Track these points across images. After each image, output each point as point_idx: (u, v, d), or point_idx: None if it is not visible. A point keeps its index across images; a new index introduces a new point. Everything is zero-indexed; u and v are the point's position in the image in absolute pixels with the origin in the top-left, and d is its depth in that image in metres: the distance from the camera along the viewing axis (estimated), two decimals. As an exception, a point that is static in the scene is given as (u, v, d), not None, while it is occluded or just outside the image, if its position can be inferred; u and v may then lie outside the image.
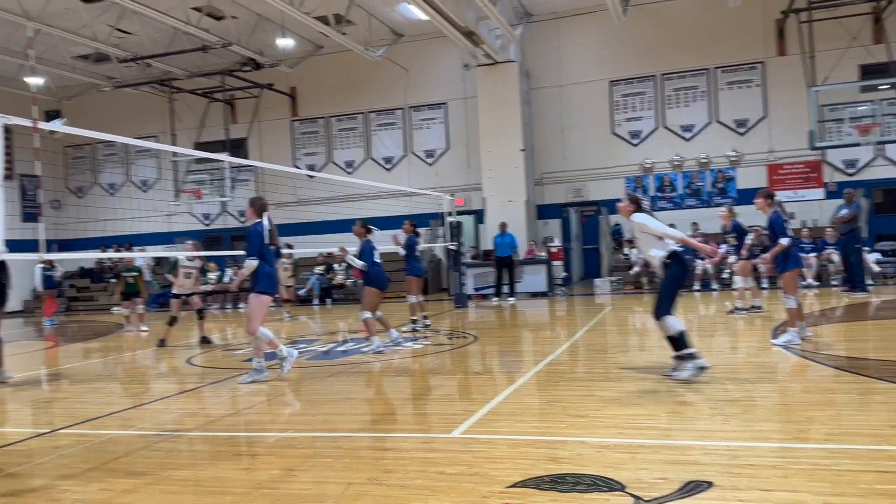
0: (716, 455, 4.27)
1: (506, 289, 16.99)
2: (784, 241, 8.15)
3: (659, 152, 20.30)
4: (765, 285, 15.74)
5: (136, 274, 14.25)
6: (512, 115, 19.91)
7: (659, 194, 20.29)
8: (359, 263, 9.34)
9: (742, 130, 19.71)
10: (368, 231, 9.68)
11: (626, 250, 19.53)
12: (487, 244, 19.19)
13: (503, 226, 17.49)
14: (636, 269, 18.16)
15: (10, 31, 18.55)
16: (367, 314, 9.30)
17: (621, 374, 7.01)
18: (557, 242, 19.85)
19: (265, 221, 7.58)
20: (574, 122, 20.91)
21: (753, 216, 18.28)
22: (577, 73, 20.82)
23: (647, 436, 4.79)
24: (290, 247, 17.24)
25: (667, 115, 20.31)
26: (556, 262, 18.80)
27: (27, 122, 6.52)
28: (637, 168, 20.50)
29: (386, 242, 11.54)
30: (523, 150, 19.93)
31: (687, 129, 20.17)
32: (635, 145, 20.56)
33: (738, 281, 12.20)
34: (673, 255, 6.58)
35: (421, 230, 11.98)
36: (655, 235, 6.66)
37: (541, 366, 7.71)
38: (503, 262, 17.08)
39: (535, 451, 4.56)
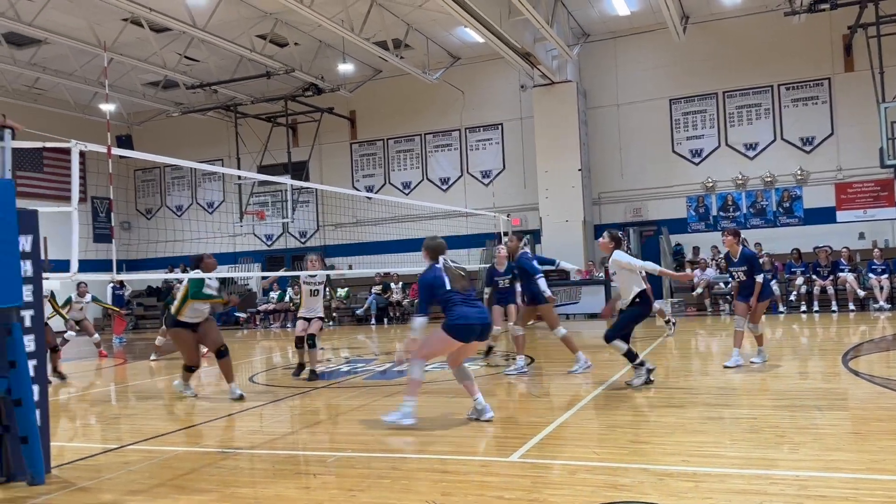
0: (784, 485, 4.13)
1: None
2: (760, 279, 8.60)
3: (721, 171, 19.90)
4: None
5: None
6: (569, 134, 19.83)
7: (722, 214, 19.86)
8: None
9: (808, 148, 19.18)
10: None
11: (688, 271, 19.13)
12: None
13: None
14: (699, 290, 17.77)
15: (85, 59, 19.49)
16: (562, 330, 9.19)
17: (684, 400, 6.85)
18: (616, 263, 19.56)
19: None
20: (632, 140, 20.69)
21: (821, 237, 17.95)
22: (635, 91, 20.62)
23: (712, 464, 4.66)
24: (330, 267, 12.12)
25: (729, 132, 19.91)
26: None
27: (101, 149, 6.80)
28: (699, 187, 20.12)
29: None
30: (580, 170, 19.81)
31: (750, 147, 19.73)
32: (697, 164, 20.20)
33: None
34: (642, 294, 7.61)
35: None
36: (634, 271, 7.66)
37: (600, 390, 7.59)
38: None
39: (594, 477, 4.48)
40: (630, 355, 7.59)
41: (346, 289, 21.52)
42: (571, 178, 19.80)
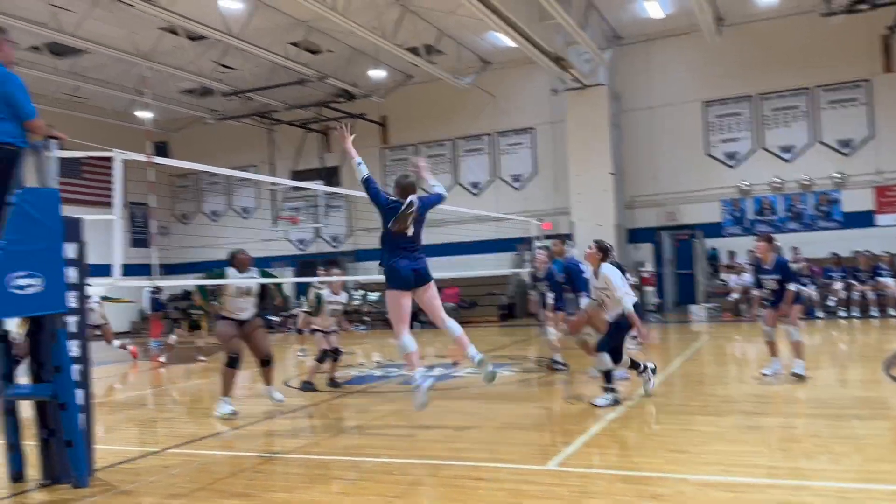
0: (826, 497, 4.06)
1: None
2: (793, 288, 8.12)
3: (757, 174, 19.59)
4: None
5: (201, 313, 13.83)
6: (601, 138, 19.70)
7: (758, 218, 19.55)
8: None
9: (846, 151, 18.80)
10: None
11: (723, 275, 18.89)
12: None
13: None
14: (735, 295, 17.53)
15: (123, 68, 19.88)
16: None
17: (721, 408, 6.77)
18: (650, 267, 19.39)
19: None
20: (666, 144, 20.48)
21: (860, 241, 17.59)
22: (668, 94, 20.42)
23: (752, 474, 4.60)
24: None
25: (765, 135, 19.61)
26: (648, 288, 18.35)
27: (142, 157, 6.95)
28: (734, 190, 19.84)
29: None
30: (613, 174, 19.66)
31: (787, 150, 19.41)
32: (732, 167, 19.94)
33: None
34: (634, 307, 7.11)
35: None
36: (618, 290, 7.03)
37: (635, 397, 7.52)
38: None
39: (632, 487, 4.45)
40: (608, 376, 7.03)
41: (377, 293, 21.61)
42: (603, 181, 19.65)
